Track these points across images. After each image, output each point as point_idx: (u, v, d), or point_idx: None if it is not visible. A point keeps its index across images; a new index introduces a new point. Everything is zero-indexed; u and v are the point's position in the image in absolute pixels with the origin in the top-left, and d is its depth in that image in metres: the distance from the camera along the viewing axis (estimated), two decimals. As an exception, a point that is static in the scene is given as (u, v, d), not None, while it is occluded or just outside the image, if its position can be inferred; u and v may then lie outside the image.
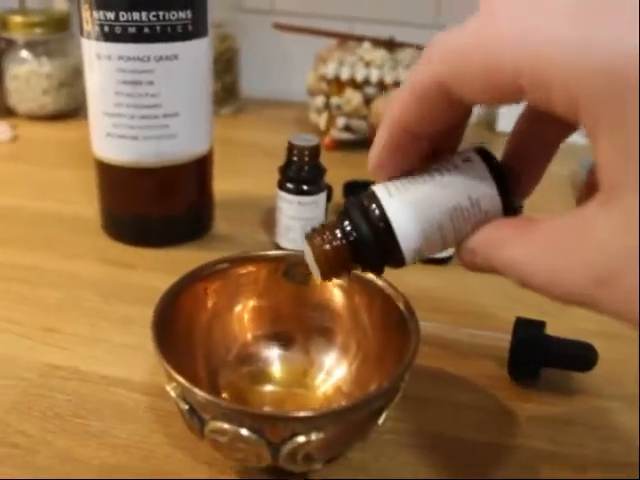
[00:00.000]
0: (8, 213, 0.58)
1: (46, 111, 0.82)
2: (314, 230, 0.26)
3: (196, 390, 0.26)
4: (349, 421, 0.27)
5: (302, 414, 0.26)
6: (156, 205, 0.52)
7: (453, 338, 0.41)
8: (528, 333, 0.37)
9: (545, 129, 0.24)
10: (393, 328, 0.32)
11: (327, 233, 0.25)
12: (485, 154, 0.24)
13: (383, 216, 0.24)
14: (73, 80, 0.82)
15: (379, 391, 0.27)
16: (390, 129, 0.24)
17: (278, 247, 0.51)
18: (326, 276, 0.26)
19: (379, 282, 0.34)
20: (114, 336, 0.41)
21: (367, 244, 0.24)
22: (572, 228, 0.19)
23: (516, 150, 0.25)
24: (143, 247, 0.52)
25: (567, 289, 0.19)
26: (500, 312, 0.45)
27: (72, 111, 0.84)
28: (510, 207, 0.23)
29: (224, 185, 0.58)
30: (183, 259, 0.50)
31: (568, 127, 0.23)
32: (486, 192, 0.23)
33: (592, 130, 0.18)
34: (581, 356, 0.37)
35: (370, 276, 0.34)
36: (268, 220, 0.56)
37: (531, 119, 0.24)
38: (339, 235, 0.25)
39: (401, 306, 0.32)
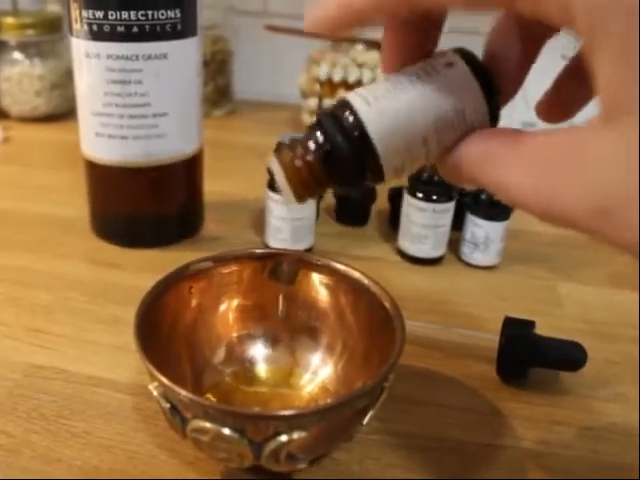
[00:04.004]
0: (-2, 214, 0.57)
1: (38, 113, 0.82)
2: (283, 145, 0.23)
3: (177, 388, 0.26)
4: (332, 420, 0.27)
5: (284, 413, 0.26)
6: (145, 205, 0.52)
7: (442, 338, 0.41)
8: (517, 332, 0.37)
9: (530, 26, 0.22)
10: (379, 327, 0.32)
11: (298, 147, 0.22)
12: (467, 56, 0.22)
13: (358, 124, 0.21)
14: (66, 82, 0.82)
15: (361, 390, 0.27)
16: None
17: (267, 248, 0.51)
18: (300, 197, 0.23)
19: (365, 281, 0.33)
20: (101, 337, 0.41)
21: (342, 155, 0.22)
22: (567, 148, 0.18)
23: (496, 50, 0.23)
24: (132, 248, 0.52)
25: (565, 216, 0.17)
26: (490, 312, 0.45)
27: (64, 113, 0.83)
28: (496, 115, 0.22)
29: (215, 186, 0.57)
30: (172, 260, 0.49)
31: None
32: (472, 99, 0.21)
33: (590, 42, 0.16)
34: (570, 356, 0.37)
35: (357, 274, 0.34)
36: (258, 221, 0.56)
37: (513, 15, 0.22)
38: (312, 148, 0.22)
39: (387, 305, 0.32)
